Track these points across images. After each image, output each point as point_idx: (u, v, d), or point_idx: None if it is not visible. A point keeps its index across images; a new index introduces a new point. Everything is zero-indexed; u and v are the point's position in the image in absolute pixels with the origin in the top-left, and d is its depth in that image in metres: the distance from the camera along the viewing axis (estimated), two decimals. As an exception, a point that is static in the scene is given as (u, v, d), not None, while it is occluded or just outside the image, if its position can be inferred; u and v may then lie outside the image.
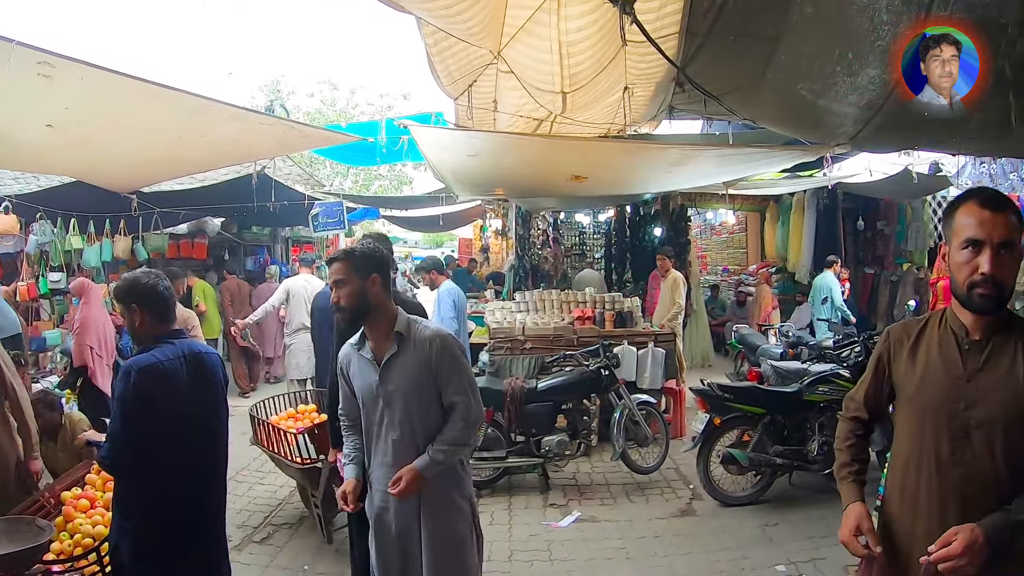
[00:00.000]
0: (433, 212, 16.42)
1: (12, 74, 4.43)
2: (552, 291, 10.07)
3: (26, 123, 5.94)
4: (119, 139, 6.66)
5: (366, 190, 28.58)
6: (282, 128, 6.63)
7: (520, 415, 6.93)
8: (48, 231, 10.61)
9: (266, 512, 6.57)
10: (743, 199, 13.54)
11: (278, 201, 11.39)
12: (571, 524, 6.12)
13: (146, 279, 3.42)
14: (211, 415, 3.49)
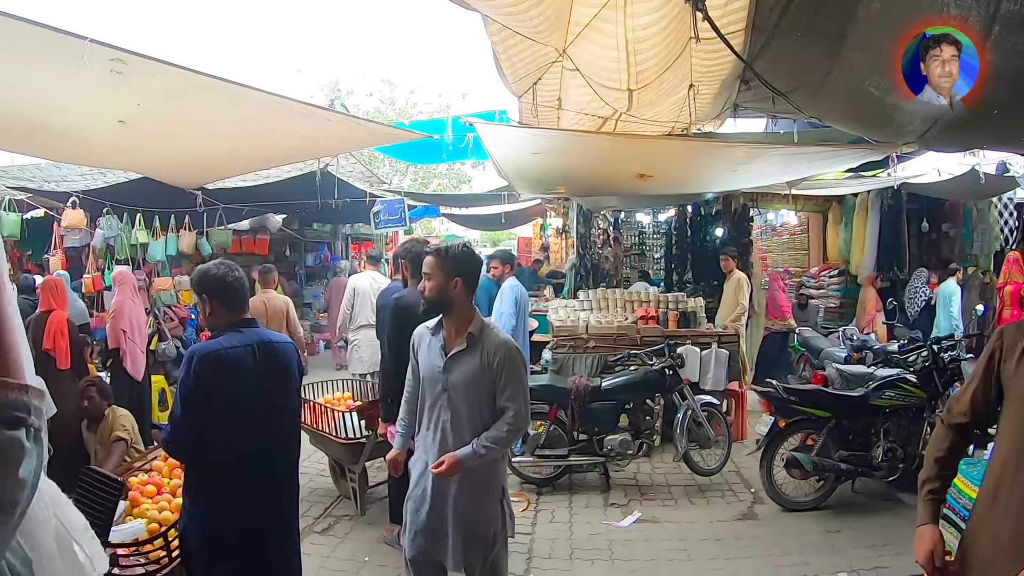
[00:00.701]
0: (494, 210, 16.44)
1: (86, 71, 4.50)
2: (615, 290, 10.02)
3: (99, 119, 6.03)
4: (188, 135, 6.75)
5: (425, 188, 28.78)
6: (349, 125, 6.67)
7: (584, 413, 6.89)
8: (114, 226, 10.87)
9: (327, 503, 6.64)
10: (806, 199, 13.25)
11: (340, 198, 11.48)
12: (632, 524, 6.09)
13: (216, 270, 3.50)
14: (281, 404, 3.51)
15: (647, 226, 17.11)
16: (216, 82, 5.22)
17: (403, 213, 12.79)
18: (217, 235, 12.72)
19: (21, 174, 12.32)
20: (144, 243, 11.31)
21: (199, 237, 12.23)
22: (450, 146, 10.16)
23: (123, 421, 5.67)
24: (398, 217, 12.77)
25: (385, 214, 12.72)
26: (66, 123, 6.09)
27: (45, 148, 7.59)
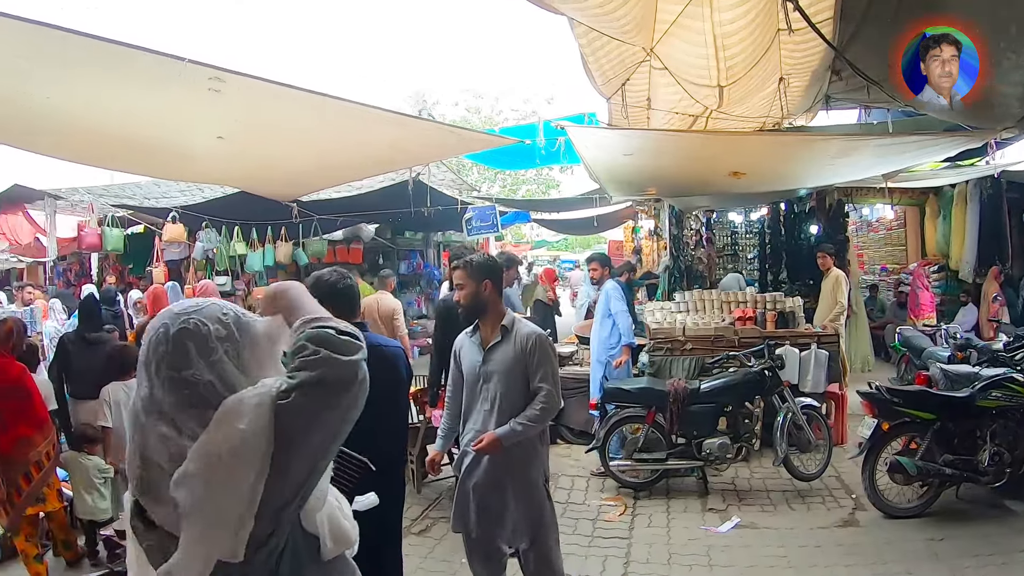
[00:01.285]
0: (585, 214, 16.42)
1: (185, 90, 4.70)
2: (711, 291, 9.86)
3: (199, 136, 6.22)
4: (283, 148, 6.90)
5: (514, 194, 28.85)
6: (441, 132, 6.74)
7: (682, 416, 6.77)
8: (213, 238, 11.40)
9: (424, 505, 6.68)
10: (901, 192, 12.81)
11: (432, 206, 11.60)
12: (731, 529, 5.95)
13: (328, 276, 3.67)
14: (387, 406, 3.55)
15: (739, 226, 16.79)
16: (310, 95, 5.32)
17: (495, 219, 12.87)
18: (313, 245, 13.06)
19: (122, 192, 12.87)
20: (242, 254, 11.83)
21: (295, 248, 12.61)
22: (542, 150, 10.16)
23: None
24: (490, 223, 12.87)
25: (477, 220, 12.84)
26: (169, 141, 6.31)
27: (150, 166, 7.92)
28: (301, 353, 1.56)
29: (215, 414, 1.51)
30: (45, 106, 5.30)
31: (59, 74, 4.75)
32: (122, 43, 4.30)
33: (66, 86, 5.03)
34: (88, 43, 4.24)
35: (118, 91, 5.09)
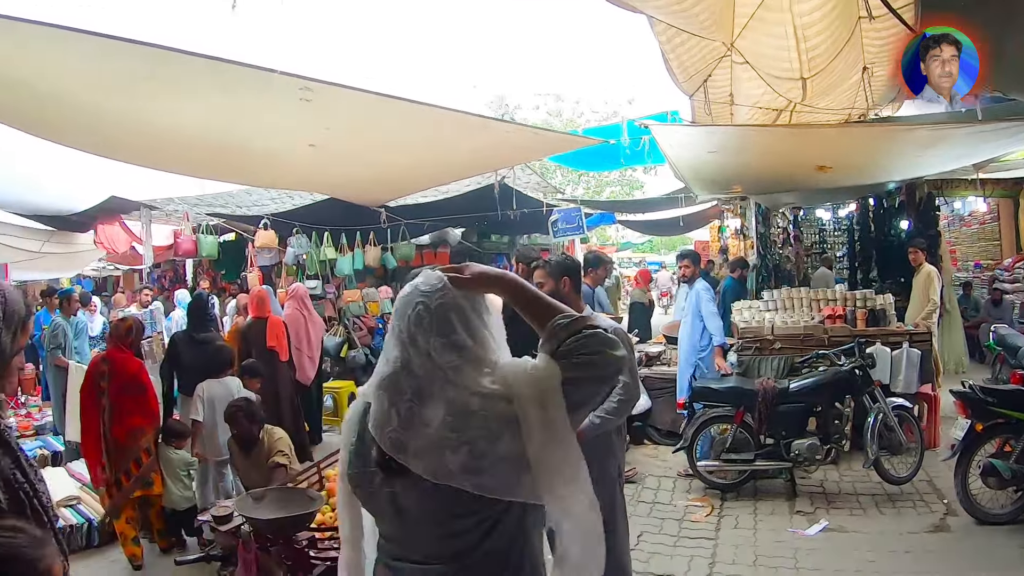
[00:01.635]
0: (671, 214, 16.29)
1: (277, 100, 4.87)
2: (800, 289, 9.67)
3: (292, 144, 6.38)
4: (373, 155, 7.00)
5: (598, 196, 28.76)
6: (526, 134, 6.79)
7: (771, 416, 6.68)
8: (303, 244, 11.72)
9: None
10: (994, 183, 12.23)
11: (517, 209, 11.69)
12: (819, 533, 5.84)
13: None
14: None
15: (827, 223, 16.42)
16: (398, 102, 5.43)
17: (580, 221, 12.86)
18: (401, 249, 13.24)
19: (215, 201, 13.29)
20: (332, 259, 12.10)
21: (384, 252, 12.81)
22: (627, 149, 10.11)
23: (281, 445, 5.33)
24: (576, 225, 12.87)
25: (563, 223, 12.85)
26: (264, 150, 6.51)
27: (246, 175, 8.19)
28: (583, 348, 1.79)
29: (520, 396, 1.78)
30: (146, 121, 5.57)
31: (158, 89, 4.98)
32: (216, 58, 4.52)
33: (165, 101, 5.27)
34: (185, 59, 4.46)
35: (215, 104, 5.31)
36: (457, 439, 1.77)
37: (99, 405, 5.65)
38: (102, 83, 4.86)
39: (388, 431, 1.85)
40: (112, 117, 5.56)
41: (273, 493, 4.15)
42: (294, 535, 3.91)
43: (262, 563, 3.85)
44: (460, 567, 1.89)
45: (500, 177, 10.33)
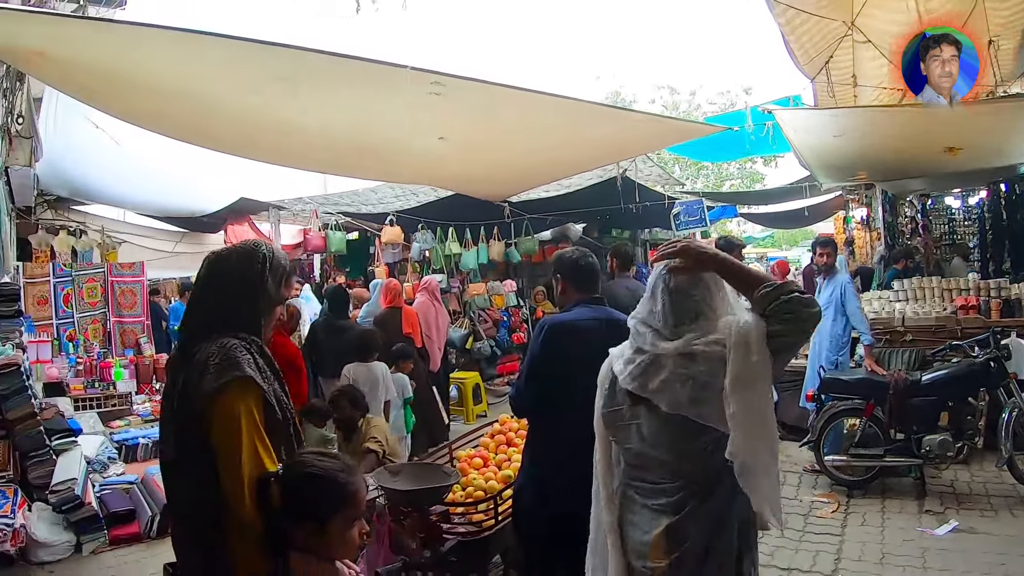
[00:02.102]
0: (795, 206, 15.90)
1: (408, 95, 5.01)
2: (932, 279, 9.31)
3: (422, 138, 6.55)
4: (500, 146, 7.12)
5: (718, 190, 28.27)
6: (652, 123, 6.76)
7: (902, 410, 6.48)
8: (428, 239, 12.08)
9: None
10: None
11: (640, 202, 11.65)
12: (948, 533, 5.65)
13: (571, 254, 3.89)
14: None
15: (956, 211, 15.65)
16: (525, 93, 5.52)
17: (703, 214, 12.72)
18: (524, 244, 13.43)
19: (340, 200, 13.80)
20: (456, 253, 12.43)
21: (507, 247, 13.00)
22: (752, 136, 9.87)
23: (375, 432, 5.51)
24: (698, 218, 12.72)
25: (685, 215, 12.72)
26: (394, 144, 6.73)
27: (379, 170, 8.47)
28: (786, 309, 2.25)
29: (731, 341, 2.30)
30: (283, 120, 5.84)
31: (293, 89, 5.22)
32: (349, 56, 4.72)
33: (300, 100, 5.52)
34: (319, 58, 4.68)
35: (348, 101, 5.57)
36: (685, 375, 2.35)
37: None
38: (240, 85, 5.16)
39: (634, 374, 2.48)
40: (249, 118, 5.88)
41: (409, 468, 4.41)
42: (428, 508, 4.06)
43: (395, 535, 4.02)
44: (686, 484, 2.46)
45: (622, 170, 10.30)
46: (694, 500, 2.44)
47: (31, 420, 6.50)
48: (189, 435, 2.22)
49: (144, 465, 7.92)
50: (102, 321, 10.69)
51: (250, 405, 2.22)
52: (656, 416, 2.44)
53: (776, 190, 17.34)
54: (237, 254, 2.48)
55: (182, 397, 2.26)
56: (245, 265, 2.42)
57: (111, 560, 5.97)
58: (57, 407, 7.45)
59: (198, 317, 2.42)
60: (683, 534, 2.43)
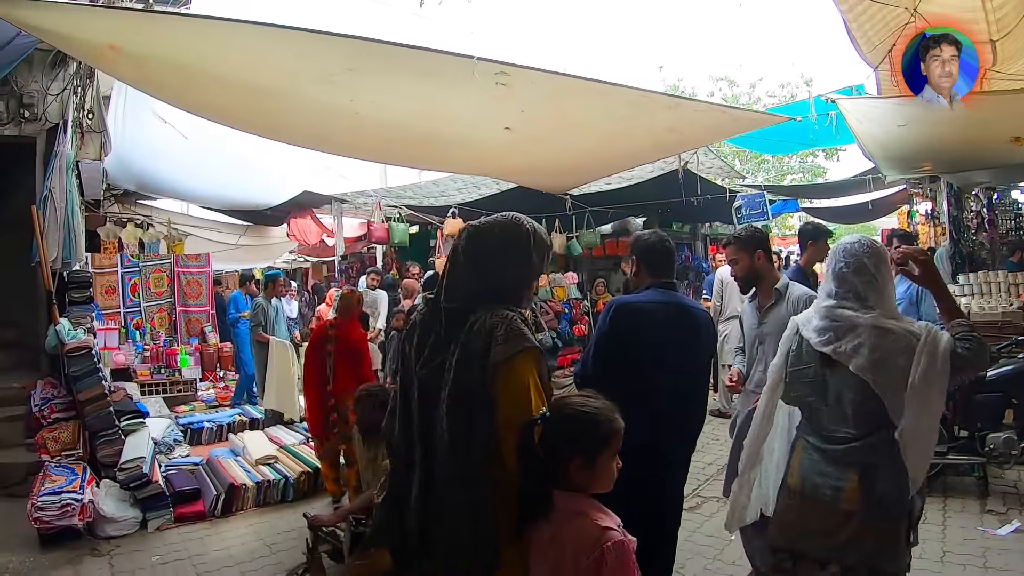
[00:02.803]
0: (859, 200, 15.68)
1: (474, 85, 5.07)
2: (998, 272, 9.15)
3: (487, 128, 6.58)
4: (563, 137, 7.09)
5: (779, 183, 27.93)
6: (714, 113, 6.68)
7: (966, 407, 6.37)
8: None
9: (694, 485, 6.80)
10: None
11: (701, 195, 11.61)
12: (1010, 534, 5.54)
13: (648, 236, 3.99)
14: (688, 363, 3.74)
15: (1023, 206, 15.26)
16: (589, 83, 5.52)
17: (765, 207, 12.64)
18: (586, 237, 13.50)
19: (402, 193, 13.94)
20: None
21: (569, 240, 13.03)
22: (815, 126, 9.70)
23: None
24: (760, 211, 12.64)
25: (747, 208, 12.66)
26: (460, 134, 6.78)
27: (445, 161, 8.53)
28: (969, 344, 2.74)
29: (925, 338, 2.78)
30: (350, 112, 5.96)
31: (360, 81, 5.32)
32: (416, 47, 4.79)
33: (367, 92, 5.62)
34: (386, 49, 4.76)
35: (414, 92, 5.62)
36: (873, 344, 2.82)
37: (323, 364, 6.59)
38: (308, 76, 5.23)
39: (829, 339, 2.94)
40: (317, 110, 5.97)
41: None
42: None
43: None
44: (862, 441, 2.89)
45: (684, 162, 10.26)
46: (873, 456, 2.88)
47: (101, 401, 6.75)
48: (467, 400, 2.29)
49: (208, 448, 8.25)
50: (168, 310, 11.00)
51: (535, 373, 2.33)
52: (841, 376, 2.92)
53: (839, 183, 17.08)
54: (501, 227, 2.56)
55: (461, 364, 2.33)
56: (512, 237, 2.53)
57: (175, 537, 6.14)
58: (125, 390, 7.72)
59: (465, 288, 2.47)
60: (870, 486, 2.87)
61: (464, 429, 2.28)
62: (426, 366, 2.45)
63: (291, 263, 20.44)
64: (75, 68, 7.88)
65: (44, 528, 5.74)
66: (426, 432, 2.41)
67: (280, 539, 6.02)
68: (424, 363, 2.46)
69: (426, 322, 2.55)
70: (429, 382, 2.42)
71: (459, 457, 2.29)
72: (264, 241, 15.59)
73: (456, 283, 2.50)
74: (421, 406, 2.44)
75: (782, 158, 28.44)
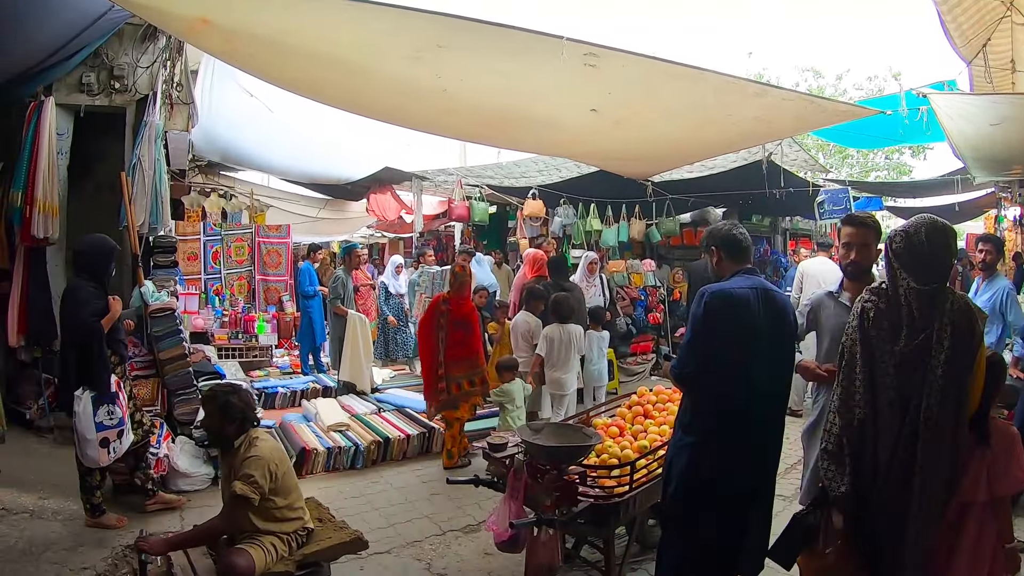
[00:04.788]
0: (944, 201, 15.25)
1: (562, 66, 5.07)
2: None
3: (572, 109, 6.59)
4: (649, 122, 7.06)
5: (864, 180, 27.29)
6: (802, 103, 6.56)
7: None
8: (570, 214, 12.38)
9: None
10: None
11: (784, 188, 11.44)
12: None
13: (723, 226, 3.96)
14: (777, 348, 3.72)
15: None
16: (678, 68, 5.49)
17: (848, 203, 12.31)
18: (665, 224, 13.44)
19: (483, 172, 14.03)
20: (598, 230, 12.63)
21: (648, 226, 13.02)
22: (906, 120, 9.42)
23: (251, 467, 3.95)
24: (843, 207, 12.31)
25: (830, 204, 12.37)
26: (545, 114, 6.79)
27: (527, 142, 8.55)
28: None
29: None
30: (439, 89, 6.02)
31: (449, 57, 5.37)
32: (506, 25, 4.82)
33: (456, 69, 5.68)
34: (476, 27, 4.82)
35: (502, 71, 5.65)
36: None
37: (437, 335, 7.23)
38: (396, 52, 5.29)
39: None
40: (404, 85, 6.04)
41: (551, 427, 4.45)
42: (566, 467, 4.15)
43: (530, 492, 4.08)
44: None
45: (768, 153, 10.11)
46: None
47: (181, 361, 6.97)
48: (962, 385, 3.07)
49: (281, 412, 8.53)
50: (247, 278, 11.28)
51: None
52: None
53: (925, 182, 16.60)
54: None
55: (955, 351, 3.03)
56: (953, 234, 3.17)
57: (245, 494, 6.33)
58: (204, 352, 7.97)
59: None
60: None
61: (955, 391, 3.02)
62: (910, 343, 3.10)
63: (368, 238, 20.71)
64: (164, 42, 8.12)
65: (119, 479, 6.00)
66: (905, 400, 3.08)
67: (347, 504, 6.14)
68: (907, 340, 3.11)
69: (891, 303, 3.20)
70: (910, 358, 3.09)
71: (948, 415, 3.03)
72: (343, 215, 15.87)
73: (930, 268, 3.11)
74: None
75: (867, 154, 27.82)
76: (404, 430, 7.64)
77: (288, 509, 4.09)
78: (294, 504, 4.15)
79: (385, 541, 5.44)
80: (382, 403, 8.81)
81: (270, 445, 4.13)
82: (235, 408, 4.07)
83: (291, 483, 4.17)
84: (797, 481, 6.65)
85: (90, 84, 7.86)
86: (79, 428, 5.22)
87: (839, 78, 30.32)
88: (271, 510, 4.00)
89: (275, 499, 4.01)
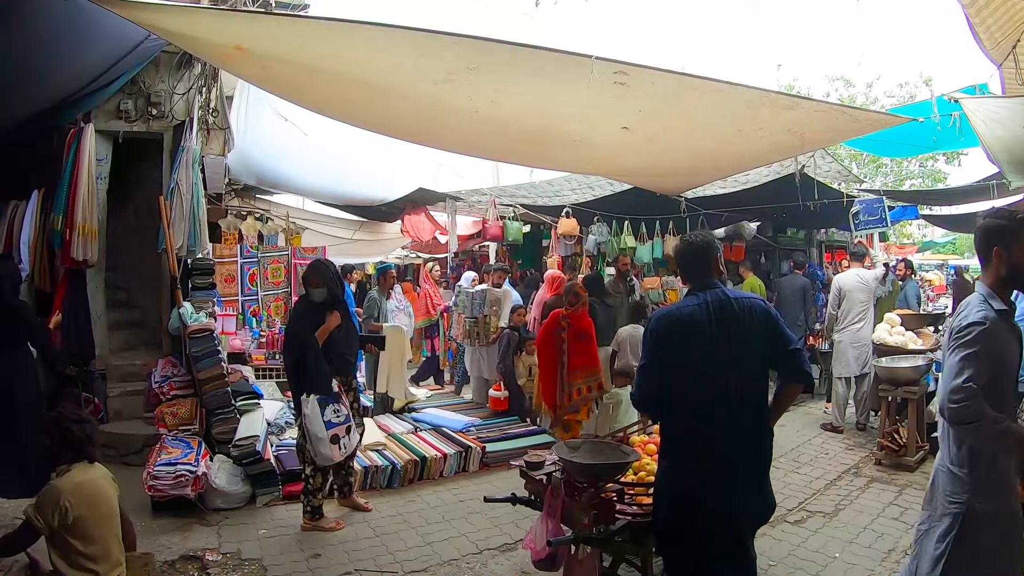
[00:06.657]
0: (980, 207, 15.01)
1: (593, 84, 5.09)
2: None
3: (604, 127, 6.59)
4: (680, 137, 7.06)
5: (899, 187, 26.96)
6: (834, 114, 6.52)
7: None
8: (603, 232, 12.41)
9: (800, 499, 6.73)
10: None
11: (818, 200, 11.39)
12: None
13: (678, 245, 3.98)
14: (736, 357, 3.52)
15: None
16: (708, 83, 5.49)
17: (883, 213, 12.17)
18: (700, 240, 13.30)
19: (516, 192, 14.10)
20: (632, 247, 12.67)
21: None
22: (938, 126, 9.30)
23: (46, 495, 3.77)
24: (878, 218, 12.19)
25: (864, 215, 12.24)
26: (577, 133, 6.80)
27: (559, 160, 8.59)
28: None
29: None
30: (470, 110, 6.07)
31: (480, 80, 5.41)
32: (536, 46, 4.86)
33: (487, 91, 5.71)
34: (506, 49, 4.85)
35: (533, 91, 5.67)
36: None
37: (558, 349, 7.48)
38: (428, 75, 5.34)
39: None
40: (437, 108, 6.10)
41: (588, 444, 4.44)
42: (604, 485, 4.13)
43: (568, 509, 4.07)
44: None
45: (800, 165, 10.07)
46: None
47: (219, 381, 7.08)
48: None
49: (318, 432, 8.54)
50: (284, 299, 11.37)
51: None
52: None
53: (960, 189, 16.33)
54: None
55: None
56: None
57: (282, 513, 6.42)
58: (242, 372, 8.07)
59: None
60: None
61: None
62: None
63: (403, 259, 20.84)
64: (200, 69, 8.32)
65: (157, 496, 6.10)
66: None
67: (383, 523, 6.20)
68: None
69: None
70: None
71: None
72: (378, 236, 15.96)
73: None
74: None
75: (901, 162, 27.53)
76: (441, 449, 7.65)
77: (87, 559, 3.74)
78: (97, 556, 3.79)
79: (422, 560, 5.47)
80: (418, 422, 8.82)
81: (75, 482, 3.81)
82: (74, 438, 3.92)
83: (99, 533, 3.82)
84: (837, 498, 6.65)
85: (128, 111, 8.07)
86: (311, 430, 5.81)
87: (869, 86, 30.15)
88: (72, 555, 3.72)
89: (73, 542, 3.72)
